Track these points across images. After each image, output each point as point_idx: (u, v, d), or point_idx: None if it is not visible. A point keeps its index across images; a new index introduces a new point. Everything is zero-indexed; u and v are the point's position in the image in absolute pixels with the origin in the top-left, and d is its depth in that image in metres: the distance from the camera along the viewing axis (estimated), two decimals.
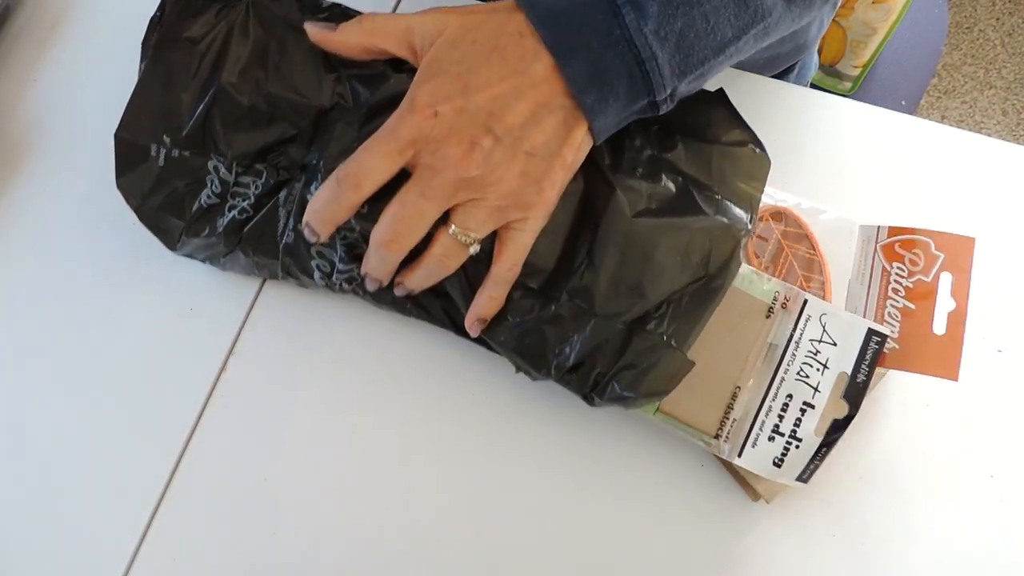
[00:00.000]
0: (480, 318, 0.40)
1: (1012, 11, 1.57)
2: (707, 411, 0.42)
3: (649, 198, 0.40)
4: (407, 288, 0.41)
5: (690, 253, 0.40)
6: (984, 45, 1.54)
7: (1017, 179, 0.50)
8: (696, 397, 0.42)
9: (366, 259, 0.40)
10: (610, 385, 0.40)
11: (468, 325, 0.41)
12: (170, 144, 0.42)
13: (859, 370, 0.40)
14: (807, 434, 0.40)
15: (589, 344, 0.40)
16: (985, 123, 1.49)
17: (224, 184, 0.43)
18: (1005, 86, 1.51)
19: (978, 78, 1.52)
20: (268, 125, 0.42)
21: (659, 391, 0.39)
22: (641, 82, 0.37)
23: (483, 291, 0.40)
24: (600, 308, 0.40)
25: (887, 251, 0.43)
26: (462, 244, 0.38)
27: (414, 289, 0.41)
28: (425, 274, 0.40)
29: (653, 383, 0.39)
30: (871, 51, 0.85)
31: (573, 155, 0.39)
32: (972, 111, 1.50)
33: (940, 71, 1.53)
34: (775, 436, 0.41)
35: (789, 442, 0.41)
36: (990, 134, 1.46)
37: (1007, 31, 1.55)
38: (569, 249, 0.40)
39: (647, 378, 0.39)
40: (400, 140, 0.37)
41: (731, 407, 0.42)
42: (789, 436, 0.41)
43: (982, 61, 1.53)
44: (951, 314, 0.41)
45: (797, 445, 0.40)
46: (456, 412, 0.46)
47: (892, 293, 0.42)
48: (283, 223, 0.43)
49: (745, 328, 0.42)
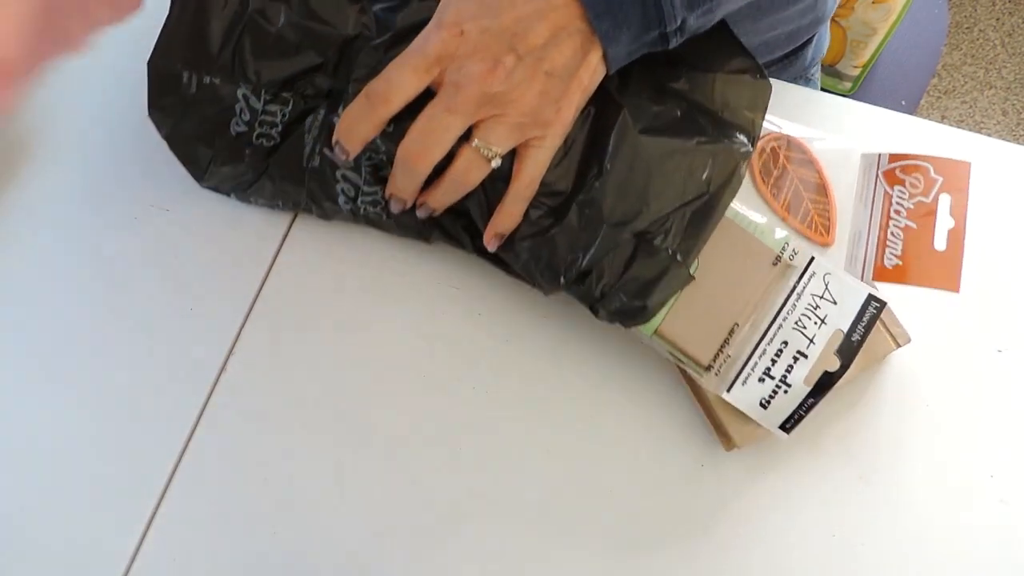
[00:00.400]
0: (499, 233, 0.42)
1: (1012, 11, 1.57)
2: (703, 342, 0.43)
3: (655, 117, 0.42)
4: (430, 208, 0.43)
5: (693, 171, 0.42)
6: (984, 45, 1.54)
7: (1017, 179, 0.50)
8: (695, 327, 0.43)
9: (392, 178, 0.42)
10: (616, 295, 0.42)
11: (487, 240, 0.43)
12: (202, 71, 0.44)
13: (855, 330, 0.42)
14: (797, 381, 0.42)
15: (599, 252, 0.42)
16: (985, 123, 1.49)
17: (253, 112, 0.44)
18: (1005, 86, 1.51)
19: (978, 78, 1.52)
20: (295, 54, 0.44)
21: (661, 303, 0.42)
22: (653, 11, 0.39)
23: (502, 207, 0.42)
24: (608, 216, 0.41)
25: (888, 176, 0.46)
26: (484, 158, 0.40)
27: (437, 208, 0.43)
28: (448, 188, 0.42)
29: (656, 294, 0.42)
30: (871, 51, 0.85)
31: (589, 78, 0.40)
32: (972, 111, 1.50)
33: (940, 71, 1.53)
34: (765, 378, 0.42)
35: (778, 386, 0.42)
36: (990, 134, 1.47)
37: (1007, 31, 1.55)
38: (583, 169, 0.43)
39: (651, 289, 0.42)
40: (428, 57, 0.39)
41: (727, 342, 0.43)
42: (779, 380, 0.42)
43: (982, 61, 1.53)
44: (951, 231, 0.44)
45: (786, 390, 0.42)
46: (449, 405, 0.46)
47: (894, 214, 0.45)
48: (309, 149, 0.44)
49: (751, 271, 0.43)
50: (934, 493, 0.44)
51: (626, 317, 0.42)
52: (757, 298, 0.43)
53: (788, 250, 0.43)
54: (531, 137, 0.40)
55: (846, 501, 0.44)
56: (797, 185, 0.46)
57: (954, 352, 0.47)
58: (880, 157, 0.46)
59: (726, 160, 0.42)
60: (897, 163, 0.46)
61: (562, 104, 0.40)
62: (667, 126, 0.42)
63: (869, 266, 0.45)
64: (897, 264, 0.44)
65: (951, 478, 0.45)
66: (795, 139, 0.47)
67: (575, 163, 0.43)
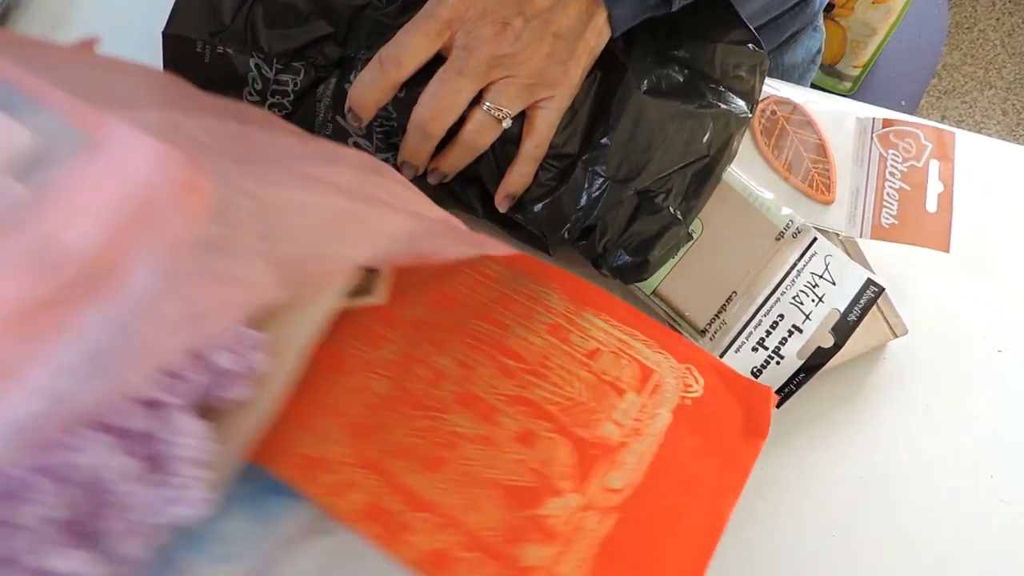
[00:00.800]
0: (509, 194, 0.43)
1: (1012, 11, 1.57)
2: (701, 306, 0.44)
3: (659, 80, 0.44)
4: (442, 172, 0.44)
5: (694, 133, 0.43)
6: (984, 45, 1.54)
7: (1017, 179, 0.50)
8: (693, 290, 0.44)
9: (404, 144, 0.43)
10: (617, 251, 0.44)
11: (498, 201, 0.44)
12: (215, 41, 0.44)
13: (851, 311, 0.44)
14: (790, 354, 0.43)
15: (603, 208, 0.43)
16: (985, 123, 1.49)
17: (265, 81, 0.45)
18: (1005, 86, 1.51)
19: (978, 78, 1.52)
20: (306, 23, 0.44)
21: (661, 260, 0.44)
22: None
23: (512, 169, 0.43)
24: (613, 173, 0.43)
25: (883, 139, 0.48)
26: (495, 119, 0.42)
27: (448, 173, 0.44)
28: (460, 151, 0.43)
29: (656, 252, 0.43)
30: (871, 51, 0.85)
31: (595, 39, 0.42)
32: (972, 111, 1.50)
33: (940, 71, 1.53)
34: (759, 348, 0.43)
35: (771, 357, 0.43)
36: (990, 134, 1.46)
37: (1007, 31, 1.55)
38: (590, 131, 0.44)
39: (651, 246, 0.43)
40: (439, 20, 0.40)
41: (724, 309, 0.44)
42: (773, 351, 0.43)
43: (982, 61, 1.53)
44: (940, 195, 0.46)
45: (778, 361, 0.43)
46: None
47: (889, 176, 0.47)
48: (321, 116, 0.45)
49: (754, 244, 0.44)
50: (934, 493, 0.44)
51: (626, 273, 0.44)
52: (757, 271, 0.45)
53: (792, 227, 0.44)
54: (540, 98, 0.42)
55: (846, 501, 0.44)
56: (797, 146, 0.47)
57: (954, 352, 0.47)
58: (874, 121, 0.49)
59: (726, 124, 0.44)
60: (890, 128, 0.48)
61: (569, 65, 0.41)
62: (670, 89, 0.44)
63: (867, 224, 0.46)
64: (893, 224, 0.46)
65: (951, 478, 0.45)
66: (793, 101, 0.49)
67: (582, 126, 0.44)
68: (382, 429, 0.32)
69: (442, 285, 0.38)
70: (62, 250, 0.24)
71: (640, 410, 0.34)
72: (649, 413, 0.35)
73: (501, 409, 0.34)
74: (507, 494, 0.31)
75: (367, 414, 0.32)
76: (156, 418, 0.27)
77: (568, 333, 0.36)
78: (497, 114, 0.41)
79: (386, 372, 0.34)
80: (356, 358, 0.34)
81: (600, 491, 0.32)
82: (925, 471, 0.45)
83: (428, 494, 0.31)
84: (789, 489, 0.44)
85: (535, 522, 0.31)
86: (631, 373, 0.35)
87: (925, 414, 0.46)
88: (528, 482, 0.32)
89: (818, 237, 0.44)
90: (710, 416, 0.35)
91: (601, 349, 0.36)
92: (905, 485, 0.44)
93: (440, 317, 0.36)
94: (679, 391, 0.35)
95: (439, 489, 0.31)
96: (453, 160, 0.43)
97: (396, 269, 0.37)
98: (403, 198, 0.34)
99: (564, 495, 0.32)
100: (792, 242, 0.44)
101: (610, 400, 0.34)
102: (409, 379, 0.34)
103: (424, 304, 0.36)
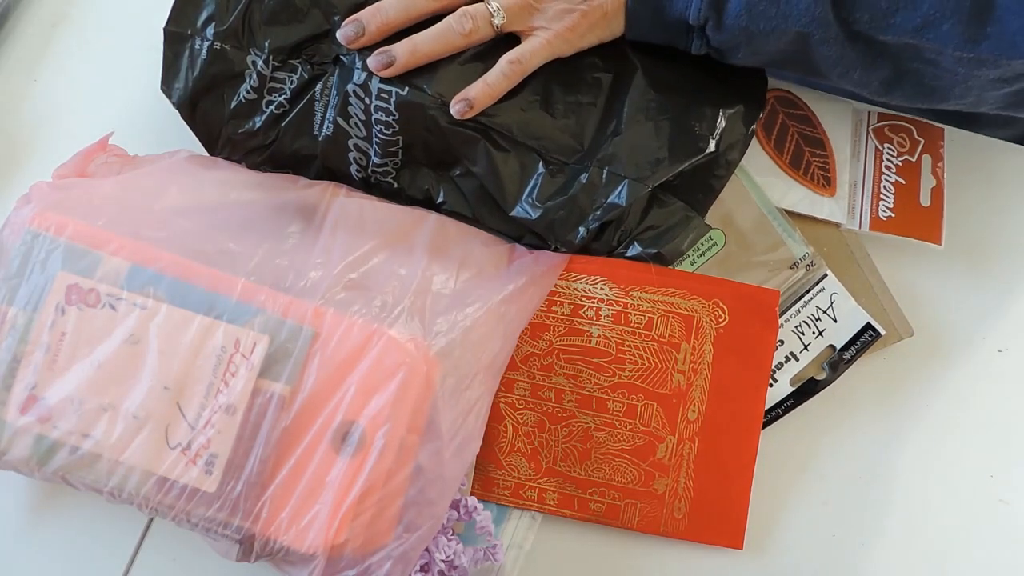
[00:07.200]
0: (467, 98, 0.43)
1: None
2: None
3: (669, 77, 0.45)
4: (415, 50, 0.43)
5: (704, 130, 0.45)
6: None
7: (1017, 179, 0.50)
8: None
9: (378, 5, 0.43)
10: (632, 244, 0.44)
11: (453, 101, 0.43)
12: (212, 37, 0.45)
13: (847, 350, 0.45)
14: (782, 379, 0.45)
15: (621, 206, 0.43)
16: None
17: (261, 78, 0.45)
18: None
19: None
20: (303, 19, 0.45)
21: (676, 252, 0.45)
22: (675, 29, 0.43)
23: (483, 78, 0.43)
24: (628, 171, 0.43)
25: (878, 133, 0.49)
26: (488, 12, 0.43)
27: (417, 51, 0.43)
28: (442, 30, 0.43)
29: (672, 243, 0.44)
30: None
31: (611, 6, 0.43)
32: None
33: None
34: None
35: None
36: None
37: None
38: (602, 127, 0.45)
39: (667, 238, 0.44)
40: None
41: None
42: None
43: None
44: (933, 189, 0.48)
45: (771, 384, 0.44)
46: None
47: (885, 169, 0.48)
48: (320, 116, 0.45)
49: (768, 267, 0.46)
50: (934, 493, 0.44)
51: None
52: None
53: (807, 260, 0.45)
54: (534, 25, 0.43)
55: (846, 501, 0.44)
56: (798, 140, 0.48)
57: (955, 352, 0.47)
58: (869, 114, 0.50)
59: (735, 124, 0.45)
60: (885, 122, 0.50)
61: (574, 18, 0.43)
62: (682, 89, 0.45)
63: (866, 217, 0.47)
64: (890, 216, 0.47)
65: (951, 478, 0.45)
66: (792, 95, 0.50)
67: (594, 121, 0.45)
68: (543, 447, 0.44)
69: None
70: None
71: (693, 353, 0.44)
72: (698, 352, 0.44)
73: (607, 398, 0.44)
74: (632, 454, 0.44)
75: (529, 441, 0.44)
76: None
77: (627, 316, 0.44)
78: (492, 8, 0.43)
79: (527, 406, 0.44)
80: (505, 403, 0.45)
81: (685, 426, 0.44)
82: (925, 471, 0.45)
83: (588, 476, 0.44)
84: (789, 489, 0.45)
85: (654, 465, 0.44)
86: (678, 327, 0.44)
87: (925, 414, 0.46)
88: (642, 441, 0.44)
89: (828, 274, 0.45)
90: (738, 335, 0.43)
91: (653, 318, 0.44)
92: (905, 485, 0.45)
93: (539, 346, 0.44)
94: (714, 325, 0.44)
95: (592, 470, 0.44)
96: (430, 40, 0.43)
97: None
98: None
99: (665, 440, 0.44)
100: (804, 274, 0.45)
101: (672, 356, 0.44)
102: (542, 404, 0.44)
103: (523, 339, 0.44)
